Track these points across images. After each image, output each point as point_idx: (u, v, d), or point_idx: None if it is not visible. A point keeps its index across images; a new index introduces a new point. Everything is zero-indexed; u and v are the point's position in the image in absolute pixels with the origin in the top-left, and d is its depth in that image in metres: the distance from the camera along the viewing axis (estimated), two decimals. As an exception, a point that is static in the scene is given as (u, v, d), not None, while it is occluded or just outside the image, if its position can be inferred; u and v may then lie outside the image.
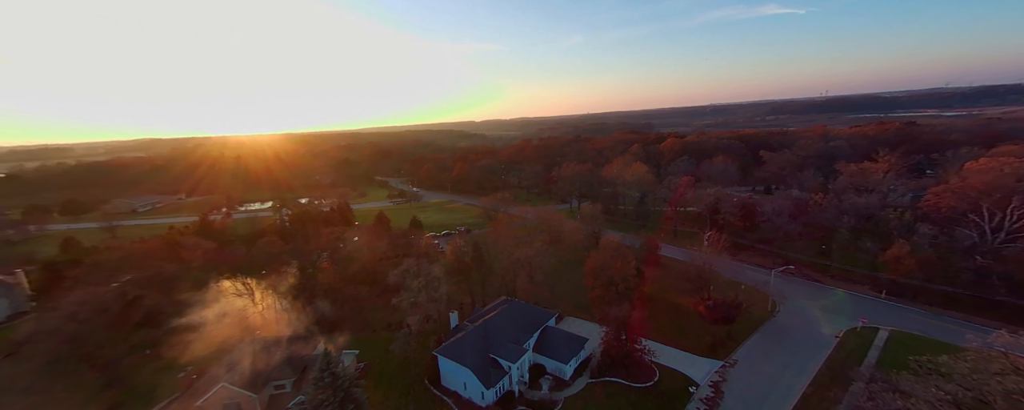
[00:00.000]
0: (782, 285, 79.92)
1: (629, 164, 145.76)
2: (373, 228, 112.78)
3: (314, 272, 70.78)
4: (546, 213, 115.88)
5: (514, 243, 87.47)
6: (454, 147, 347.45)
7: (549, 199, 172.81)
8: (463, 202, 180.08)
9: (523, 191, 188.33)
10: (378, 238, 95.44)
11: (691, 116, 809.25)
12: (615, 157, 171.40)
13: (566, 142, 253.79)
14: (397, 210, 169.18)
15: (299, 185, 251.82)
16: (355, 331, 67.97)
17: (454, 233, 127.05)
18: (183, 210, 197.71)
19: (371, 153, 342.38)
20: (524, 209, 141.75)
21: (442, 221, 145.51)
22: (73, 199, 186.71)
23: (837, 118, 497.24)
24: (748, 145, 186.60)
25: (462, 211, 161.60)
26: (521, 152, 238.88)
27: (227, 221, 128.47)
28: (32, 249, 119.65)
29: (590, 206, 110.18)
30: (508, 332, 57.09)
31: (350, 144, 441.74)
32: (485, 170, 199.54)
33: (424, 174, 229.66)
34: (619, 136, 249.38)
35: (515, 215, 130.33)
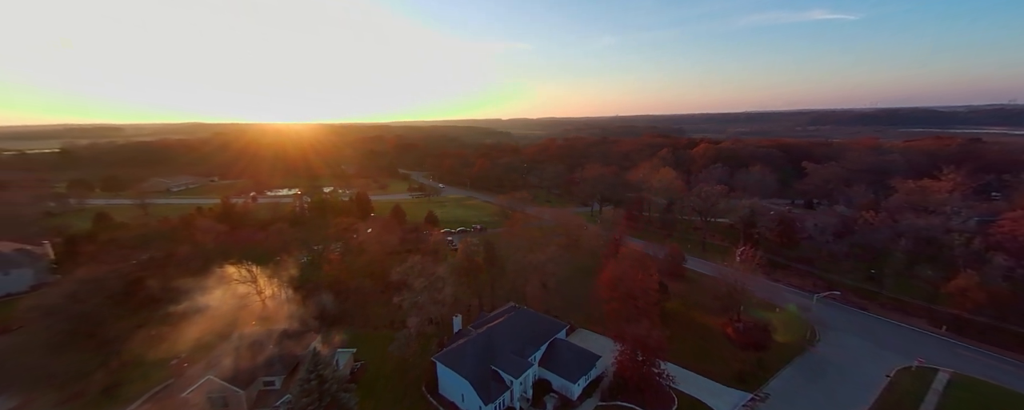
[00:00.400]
0: (824, 311, 71.85)
1: (657, 169, 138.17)
2: (387, 221, 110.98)
3: (320, 263, 68.65)
4: (565, 215, 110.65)
5: (528, 245, 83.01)
6: (478, 144, 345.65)
7: (569, 201, 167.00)
8: (482, 199, 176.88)
9: (543, 191, 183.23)
10: (389, 232, 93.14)
11: (725, 122, 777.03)
12: (642, 161, 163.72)
13: (591, 143, 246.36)
14: (415, 203, 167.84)
15: (326, 174, 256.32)
16: (357, 327, 65.52)
17: (469, 231, 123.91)
18: (213, 192, 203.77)
19: (396, 146, 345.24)
20: (542, 210, 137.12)
21: (459, 217, 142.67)
22: (114, 176, 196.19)
23: (886, 132, 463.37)
24: (788, 155, 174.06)
25: (480, 208, 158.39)
26: (544, 151, 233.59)
27: (249, 205, 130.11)
28: (68, 222, 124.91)
29: (612, 211, 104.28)
30: (513, 343, 52.77)
31: (377, 136, 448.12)
32: (506, 168, 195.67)
33: (446, 169, 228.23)
34: (647, 139, 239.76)
35: (532, 215, 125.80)
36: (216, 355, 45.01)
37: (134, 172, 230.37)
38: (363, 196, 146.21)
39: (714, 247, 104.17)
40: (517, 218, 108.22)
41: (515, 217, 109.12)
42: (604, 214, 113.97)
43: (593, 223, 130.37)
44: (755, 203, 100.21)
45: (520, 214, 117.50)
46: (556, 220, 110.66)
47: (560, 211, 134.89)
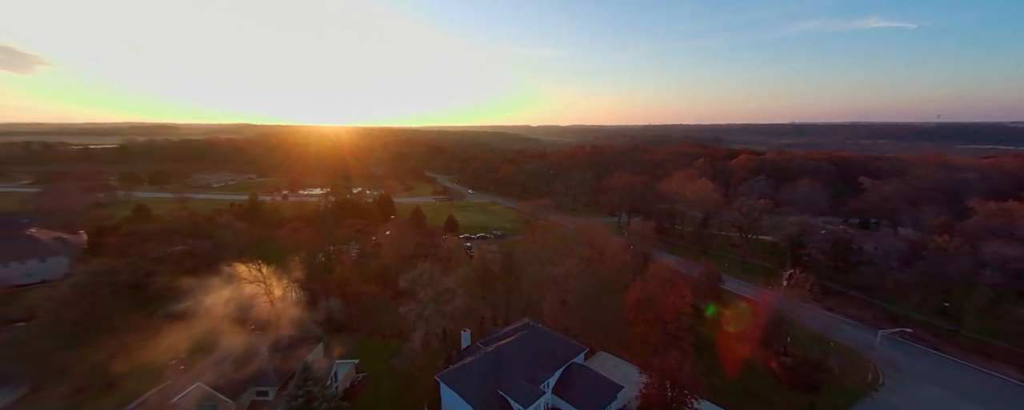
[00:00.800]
0: (890, 350, 61.91)
1: (692, 180, 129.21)
2: (405, 224, 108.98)
3: (331, 265, 66.42)
4: (589, 225, 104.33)
5: (548, 255, 77.81)
6: (505, 149, 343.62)
7: (595, 210, 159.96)
8: (505, 205, 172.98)
9: (568, 199, 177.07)
10: (406, 236, 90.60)
11: (767, 134, 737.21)
12: (676, 171, 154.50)
13: (621, 151, 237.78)
14: (438, 207, 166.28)
15: (356, 175, 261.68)
16: (364, 334, 62.60)
17: (489, 237, 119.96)
18: (250, 189, 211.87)
19: (425, 149, 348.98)
20: (566, 218, 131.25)
21: (480, 223, 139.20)
22: (161, 170, 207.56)
23: (950, 147, 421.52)
24: (841, 169, 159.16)
25: (502, 214, 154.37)
26: (572, 158, 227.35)
27: (276, 203, 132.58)
28: (112, 212, 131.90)
29: (641, 223, 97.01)
30: (525, 365, 47.64)
31: (409, 139, 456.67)
32: (531, 174, 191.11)
33: (471, 173, 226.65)
34: (682, 149, 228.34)
35: (554, 223, 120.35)
36: (211, 360, 42.75)
37: (180, 167, 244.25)
38: (386, 198, 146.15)
39: (755, 267, 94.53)
40: (538, 226, 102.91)
41: (536, 225, 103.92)
42: (632, 226, 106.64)
43: (620, 235, 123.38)
44: (804, 220, 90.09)
45: (542, 222, 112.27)
46: (580, 230, 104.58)
47: (585, 220, 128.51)
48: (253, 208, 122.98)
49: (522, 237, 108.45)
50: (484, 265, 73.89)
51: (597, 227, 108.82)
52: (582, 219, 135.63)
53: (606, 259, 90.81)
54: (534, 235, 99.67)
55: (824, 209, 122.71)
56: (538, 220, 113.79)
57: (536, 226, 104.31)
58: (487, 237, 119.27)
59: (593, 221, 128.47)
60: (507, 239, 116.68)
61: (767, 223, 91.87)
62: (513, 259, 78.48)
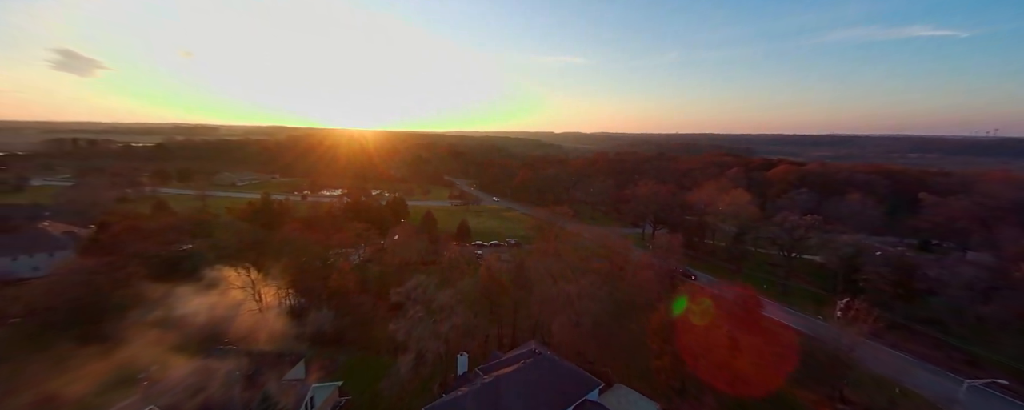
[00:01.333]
0: (979, 404, 50.97)
1: (725, 190, 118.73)
2: (415, 229, 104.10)
3: (327, 271, 61.56)
4: (609, 236, 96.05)
5: (561, 269, 70.54)
6: (525, 155, 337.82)
7: (617, 220, 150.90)
8: (521, 211, 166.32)
9: (588, 207, 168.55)
10: (413, 242, 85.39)
11: (803, 145, 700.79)
12: (705, 181, 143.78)
13: (645, 159, 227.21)
14: (453, 212, 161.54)
15: (377, 177, 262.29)
16: (357, 349, 57.12)
17: (503, 245, 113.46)
18: (272, 188, 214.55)
19: (446, 153, 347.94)
20: (584, 228, 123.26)
21: (494, 229, 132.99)
22: (187, 168, 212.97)
23: (1012, 163, 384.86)
24: (893, 183, 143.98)
25: (518, 221, 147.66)
26: (593, 165, 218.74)
27: (290, 203, 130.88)
28: (135, 208, 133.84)
29: (667, 236, 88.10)
30: (527, 401, 40.56)
31: (431, 142, 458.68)
32: (549, 180, 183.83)
33: (489, 178, 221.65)
34: (711, 158, 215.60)
35: (571, 232, 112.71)
36: (169, 382, 37.86)
37: (209, 165, 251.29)
38: (399, 201, 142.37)
39: (799, 291, 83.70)
40: (550, 235, 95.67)
41: (548, 233, 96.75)
42: (657, 239, 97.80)
43: (643, 248, 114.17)
44: (861, 240, 78.91)
45: (557, 230, 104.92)
46: (598, 241, 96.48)
47: (604, 230, 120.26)
48: (263, 207, 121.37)
49: (535, 246, 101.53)
50: (491, 276, 67.42)
51: (618, 238, 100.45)
52: (602, 229, 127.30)
53: (627, 275, 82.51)
54: (547, 244, 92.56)
55: (877, 227, 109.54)
56: (553, 228, 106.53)
57: (550, 235, 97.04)
58: (500, 245, 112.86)
59: (613, 231, 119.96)
60: (521, 248, 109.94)
61: (815, 242, 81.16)
62: (524, 270, 71.72)
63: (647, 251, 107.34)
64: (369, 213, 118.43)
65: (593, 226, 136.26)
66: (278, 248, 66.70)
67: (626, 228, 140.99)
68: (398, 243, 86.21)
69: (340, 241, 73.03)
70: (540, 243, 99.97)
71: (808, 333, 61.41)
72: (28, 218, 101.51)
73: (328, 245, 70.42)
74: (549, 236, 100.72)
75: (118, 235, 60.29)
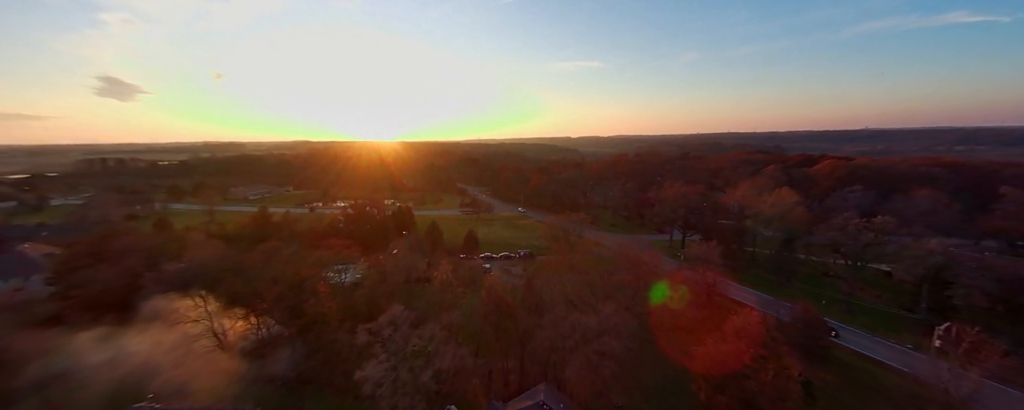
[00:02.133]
0: None
1: (764, 190, 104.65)
2: (418, 241, 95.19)
3: (302, 298, 52.78)
4: (633, 246, 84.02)
5: (577, 289, 59.72)
6: (540, 159, 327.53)
7: (640, 226, 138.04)
8: (536, 219, 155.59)
9: (608, 212, 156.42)
10: (413, 256, 76.20)
11: (839, 141, 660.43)
12: (738, 180, 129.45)
13: (669, 160, 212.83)
14: (463, 220, 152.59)
15: (389, 186, 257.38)
16: (331, 392, 47.74)
17: (514, 256, 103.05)
18: (284, 201, 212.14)
19: (459, 160, 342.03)
20: (604, 236, 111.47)
21: (505, 239, 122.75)
22: (202, 183, 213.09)
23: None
24: (960, 177, 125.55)
25: (532, 229, 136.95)
26: (612, 167, 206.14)
27: (290, 216, 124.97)
28: (140, 225, 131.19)
29: (703, 245, 75.55)
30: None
31: (446, 150, 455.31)
32: (565, 184, 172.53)
33: (502, 184, 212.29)
34: (741, 156, 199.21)
35: (590, 242, 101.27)
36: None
37: (227, 180, 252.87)
38: (405, 210, 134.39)
39: (868, 310, 69.33)
40: (565, 247, 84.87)
41: (561, 244, 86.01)
42: (690, 248, 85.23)
43: (674, 258, 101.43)
44: (946, 247, 64.27)
45: (573, 239, 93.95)
46: (621, 253, 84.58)
47: (627, 239, 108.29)
48: (261, 220, 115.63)
49: (549, 258, 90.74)
50: (495, 298, 57.12)
51: (643, 248, 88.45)
52: (624, 237, 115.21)
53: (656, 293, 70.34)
54: (563, 257, 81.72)
55: (954, 227, 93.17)
56: (569, 237, 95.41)
57: (565, 245, 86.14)
58: (512, 257, 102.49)
59: (638, 240, 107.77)
60: (534, 260, 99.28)
61: (890, 249, 66.98)
62: (535, 290, 61.13)
63: (679, 262, 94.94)
64: (371, 225, 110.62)
65: (614, 234, 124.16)
66: (251, 270, 58.24)
67: (652, 235, 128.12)
68: (396, 259, 77.15)
69: (327, 258, 64.45)
70: (554, 254, 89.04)
71: (899, 368, 48.09)
72: (23, 238, 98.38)
73: (314, 263, 61.86)
74: (564, 246, 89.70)
75: (74, 260, 53.52)
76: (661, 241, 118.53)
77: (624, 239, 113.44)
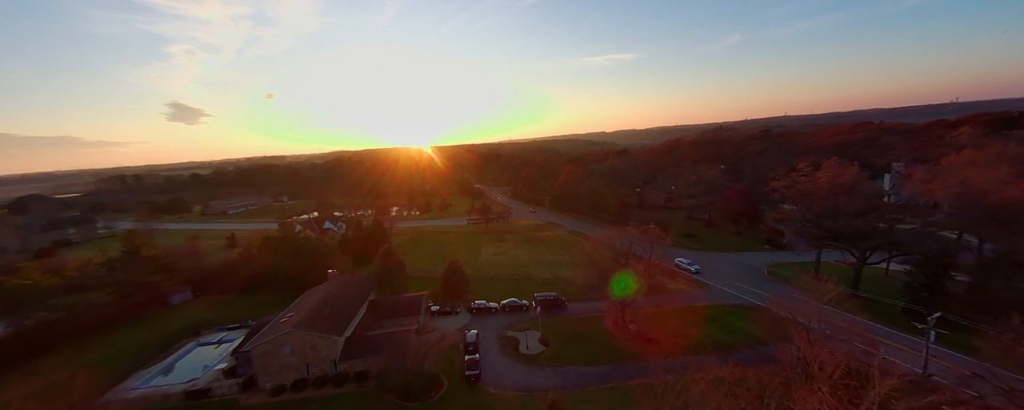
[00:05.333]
0: None
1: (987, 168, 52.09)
2: (356, 282, 52.63)
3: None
4: (807, 310, 35.49)
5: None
6: (572, 153, 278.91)
7: (731, 232, 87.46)
8: (568, 228, 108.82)
9: (678, 215, 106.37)
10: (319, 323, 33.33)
11: (935, 115, 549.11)
12: (898, 157, 75.84)
13: (750, 138, 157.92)
14: (466, 235, 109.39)
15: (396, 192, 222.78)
16: None
17: (527, 307, 56.74)
18: (271, 214, 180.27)
19: (479, 159, 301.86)
20: (692, 259, 63.27)
21: (519, 265, 77.23)
22: (177, 198, 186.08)
23: None
24: None
25: (559, 246, 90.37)
26: (669, 154, 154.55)
27: (194, 244, 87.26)
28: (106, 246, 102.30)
29: None
30: None
31: (467, 151, 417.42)
32: (608, 177, 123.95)
33: (524, 182, 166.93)
34: (865, 129, 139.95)
35: (669, 273, 53.80)
36: None
37: (216, 193, 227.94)
38: (379, 225, 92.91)
39: None
40: (626, 307, 37.75)
41: (625, 307, 38.98)
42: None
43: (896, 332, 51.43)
44: None
45: (652, 276, 47.46)
46: (775, 323, 36.71)
47: (738, 261, 59.96)
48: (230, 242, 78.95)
49: (592, 313, 44.75)
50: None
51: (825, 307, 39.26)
52: (727, 258, 66.81)
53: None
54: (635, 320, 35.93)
55: None
56: (640, 262, 48.25)
57: (627, 304, 40.05)
58: (523, 308, 56.53)
59: (753, 260, 59.12)
60: (565, 313, 53.53)
61: None
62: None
63: None
64: (305, 251, 69.19)
65: (705, 252, 74.84)
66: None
67: (768, 252, 77.69)
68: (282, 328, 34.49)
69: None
70: (611, 306, 43.29)
71: None
72: None
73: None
74: (624, 309, 43.35)
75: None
76: (795, 262, 68.35)
77: (733, 263, 64.57)
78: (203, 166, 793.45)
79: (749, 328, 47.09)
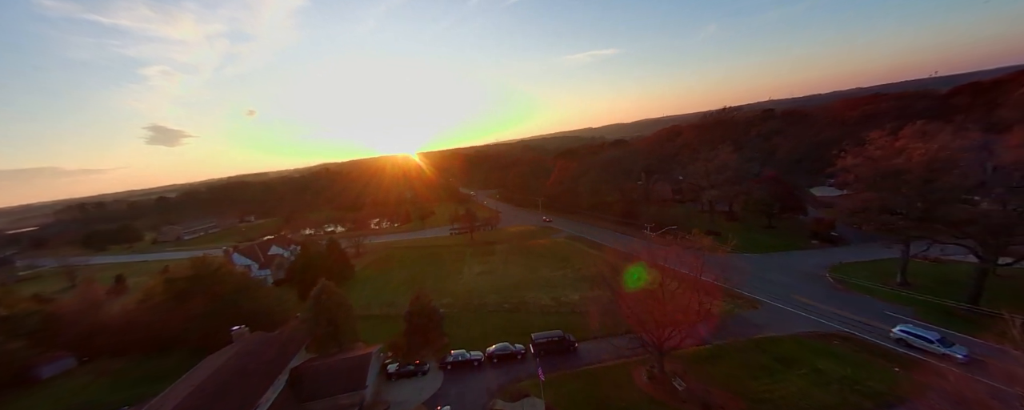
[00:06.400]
0: None
1: None
2: (264, 344, 36.12)
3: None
4: None
5: None
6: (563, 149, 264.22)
7: (762, 226, 72.68)
8: (566, 233, 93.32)
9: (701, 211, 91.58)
10: None
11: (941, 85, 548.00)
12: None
13: (753, 119, 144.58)
14: (449, 247, 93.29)
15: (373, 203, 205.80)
16: None
17: (520, 357, 40.74)
18: (232, 237, 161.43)
19: (464, 162, 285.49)
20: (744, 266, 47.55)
21: (504, 289, 61.19)
22: (127, 226, 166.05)
23: None
24: None
25: (558, 257, 74.64)
26: (669, 142, 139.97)
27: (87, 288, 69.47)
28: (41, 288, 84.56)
29: None
30: None
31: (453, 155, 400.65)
32: (607, 170, 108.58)
33: (513, 182, 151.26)
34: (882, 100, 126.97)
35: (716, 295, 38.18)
36: None
37: (170, 217, 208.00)
38: (334, 247, 75.86)
39: None
40: None
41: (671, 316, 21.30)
42: None
43: None
44: None
45: (700, 292, 31.41)
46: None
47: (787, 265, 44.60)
48: (84, 295, 61.68)
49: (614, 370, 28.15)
50: None
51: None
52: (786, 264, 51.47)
53: None
54: None
55: None
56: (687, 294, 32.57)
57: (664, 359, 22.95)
58: (516, 356, 40.51)
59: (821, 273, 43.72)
60: (575, 353, 37.81)
61: None
62: None
63: None
64: (220, 292, 52.13)
65: (755, 254, 59.40)
66: None
67: (804, 246, 62.90)
68: None
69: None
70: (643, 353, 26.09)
71: None
72: None
73: None
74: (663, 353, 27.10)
75: None
76: (851, 264, 53.47)
77: (779, 266, 49.71)
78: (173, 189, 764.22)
79: (854, 375, 31.88)
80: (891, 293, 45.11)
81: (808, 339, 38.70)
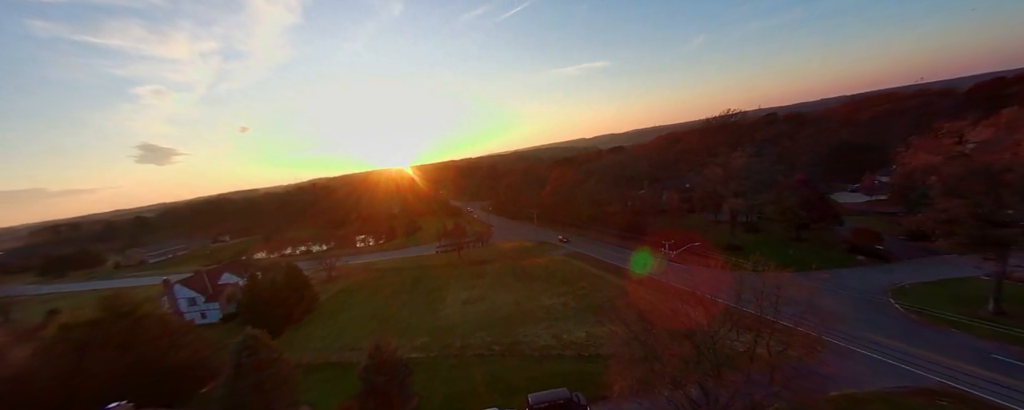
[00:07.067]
0: None
1: None
2: None
3: None
4: None
5: None
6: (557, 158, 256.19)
7: (789, 238, 63.05)
8: (566, 250, 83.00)
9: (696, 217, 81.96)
10: None
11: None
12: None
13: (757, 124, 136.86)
14: (433, 267, 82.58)
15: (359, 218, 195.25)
16: None
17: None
18: (201, 259, 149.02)
19: (454, 175, 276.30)
20: None
21: (494, 324, 50.68)
22: (84, 250, 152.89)
23: None
24: None
25: (558, 279, 64.22)
26: (670, 148, 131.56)
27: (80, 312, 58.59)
28: None
29: None
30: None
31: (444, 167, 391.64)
32: (608, 177, 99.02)
33: (505, 193, 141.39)
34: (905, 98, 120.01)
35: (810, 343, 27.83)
36: None
37: (134, 239, 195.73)
38: (294, 275, 64.70)
39: None
40: None
41: None
42: None
43: None
44: None
45: (789, 342, 20.76)
46: None
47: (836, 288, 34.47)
48: None
49: None
50: None
51: None
52: (848, 287, 41.28)
53: None
54: None
55: None
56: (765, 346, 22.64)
57: None
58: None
59: None
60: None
61: None
62: None
63: None
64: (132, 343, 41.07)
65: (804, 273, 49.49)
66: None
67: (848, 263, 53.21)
68: None
69: None
70: None
71: None
72: None
73: None
74: None
75: None
76: (913, 285, 43.80)
77: (825, 290, 39.57)
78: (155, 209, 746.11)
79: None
80: (986, 327, 35.35)
81: (902, 397, 28.60)
